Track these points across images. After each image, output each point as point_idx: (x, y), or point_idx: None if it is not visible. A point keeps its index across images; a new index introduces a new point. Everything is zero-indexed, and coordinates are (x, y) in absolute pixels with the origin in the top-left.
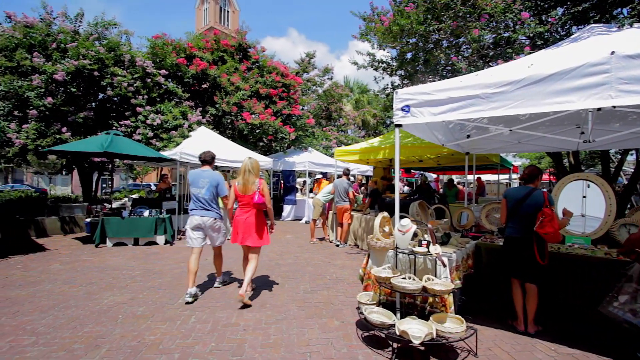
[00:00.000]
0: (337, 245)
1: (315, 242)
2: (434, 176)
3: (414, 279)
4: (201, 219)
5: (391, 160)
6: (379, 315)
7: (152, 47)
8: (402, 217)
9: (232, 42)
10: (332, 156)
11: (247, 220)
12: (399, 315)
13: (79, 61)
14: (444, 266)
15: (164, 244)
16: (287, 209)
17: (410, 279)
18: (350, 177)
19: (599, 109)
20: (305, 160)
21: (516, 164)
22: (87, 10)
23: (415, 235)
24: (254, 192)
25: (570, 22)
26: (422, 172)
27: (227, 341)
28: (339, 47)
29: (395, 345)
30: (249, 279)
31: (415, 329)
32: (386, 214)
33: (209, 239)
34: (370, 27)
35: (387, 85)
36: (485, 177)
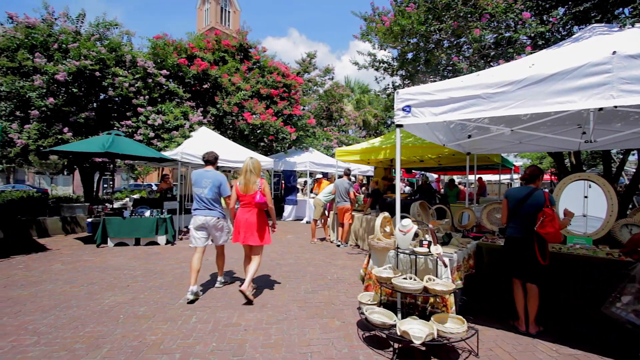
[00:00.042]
0: (338, 245)
1: (316, 242)
2: (435, 176)
3: (415, 279)
4: (205, 218)
5: (392, 160)
6: (380, 315)
7: (153, 48)
8: (403, 217)
9: (233, 42)
10: (333, 156)
11: (248, 219)
12: (400, 315)
13: (81, 61)
14: (445, 266)
15: (165, 244)
16: (288, 209)
17: (411, 279)
18: (351, 178)
19: (601, 109)
20: (306, 160)
21: (517, 164)
22: (88, 10)
23: (416, 235)
24: (256, 192)
25: (571, 22)
26: (423, 172)
27: (228, 341)
28: (340, 47)
29: (396, 345)
30: (251, 276)
31: (416, 329)
32: (387, 214)
33: (212, 238)
34: (371, 27)
35: (388, 85)
36: (486, 177)
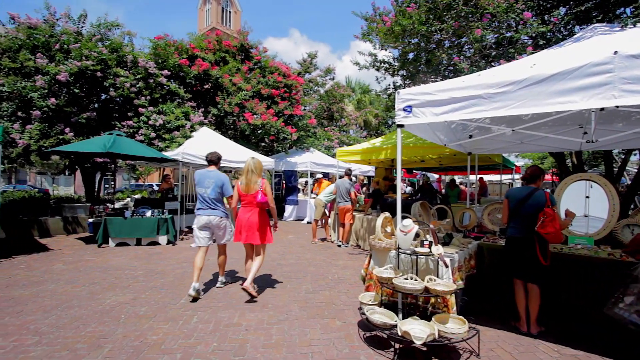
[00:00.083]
0: (339, 245)
1: (317, 242)
2: (436, 176)
3: (416, 280)
4: (208, 218)
5: (393, 160)
6: (381, 315)
7: (154, 48)
8: (404, 217)
9: (234, 42)
10: (334, 156)
11: (250, 219)
12: (401, 315)
13: (82, 62)
14: (446, 267)
15: (166, 244)
16: (289, 209)
17: (412, 279)
18: (352, 178)
19: (602, 109)
20: (307, 160)
21: (519, 164)
22: (89, 11)
23: (417, 235)
24: (257, 192)
25: (572, 21)
26: (424, 172)
27: (229, 341)
28: (341, 47)
29: (397, 345)
30: (253, 274)
31: (417, 330)
32: (388, 214)
33: (215, 237)
34: (372, 28)
35: (389, 85)
36: (487, 177)
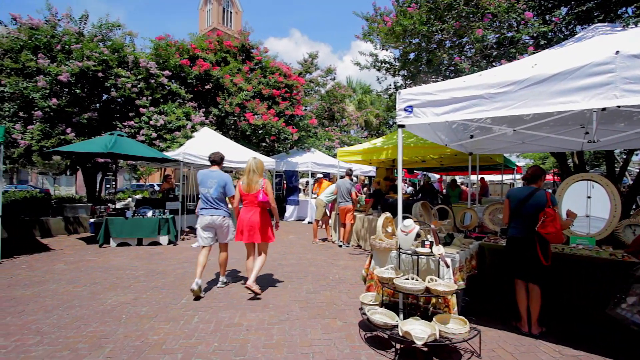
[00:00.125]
0: (340, 245)
1: (318, 242)
2: (437, 177)
3: (417, 280)
4: (211, 217)
5: (394, 160)
6: (381, 316)
7: (155, 49)
8: (405, 217)
9: (235, 43)
10: (334, 157)
11: (251, 218)
12: (402, 316)
13: (83, 62)
14: (447, 267)
15: (167, 244)
16: (289, 209)
17: (413, 279)
18: (353, 178)
19: (604, 109)
20: (308, 160)
21: (520, 164)
22: (89, 11)
23: (418, 235)
24: (258, 191)
25: (574, 21)
26: (425, 172)
27: (230, 341)
28: (342, 47)
29: (398, 346)
30: (256, 272)
31: (418, 330)
32: (389, 214)
33: (218, 236)
34: (373, 28)
35: (390, 85)
36: (488, 177)
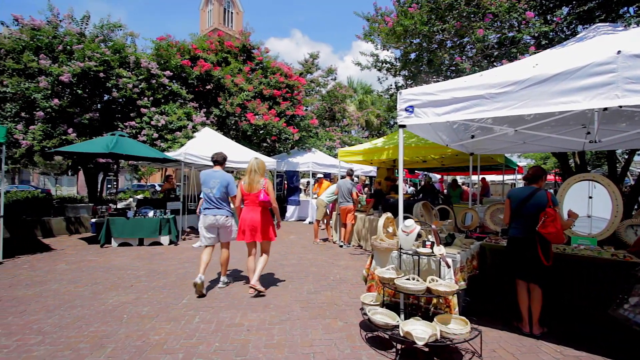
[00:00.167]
0: (341, 246)
1: (318, 242)
2: (438, 177)
3: (418, 280)
4: (214, 217)
5: (395, 160)
6: (382, 316)
7: (156, 49)
8: (406, 217)
9: (236, 43)
10: (335, 157)
11: (253, 217)
12: (402, 316)
13: (85, 63)
14: (448, 267)
15: (168, 244)
16: (290, 209)
17: (414, 280)
18: (353, 178)
19: (605, 109)
20: (308, 160)
21: (521, 164)
22: (90, 11)
23: (419, 236)
24: (260, 191)
25: (575, 21)
26: (426, 172)
27: (231, 341)
28: (343, 47)
29: (399, 346)
30: (259, 271)
31: (419, 330)
32: (390, 214)
33: (220, 235)
34: (374, 28)
35: (391, 85)
36: (489, 177)
